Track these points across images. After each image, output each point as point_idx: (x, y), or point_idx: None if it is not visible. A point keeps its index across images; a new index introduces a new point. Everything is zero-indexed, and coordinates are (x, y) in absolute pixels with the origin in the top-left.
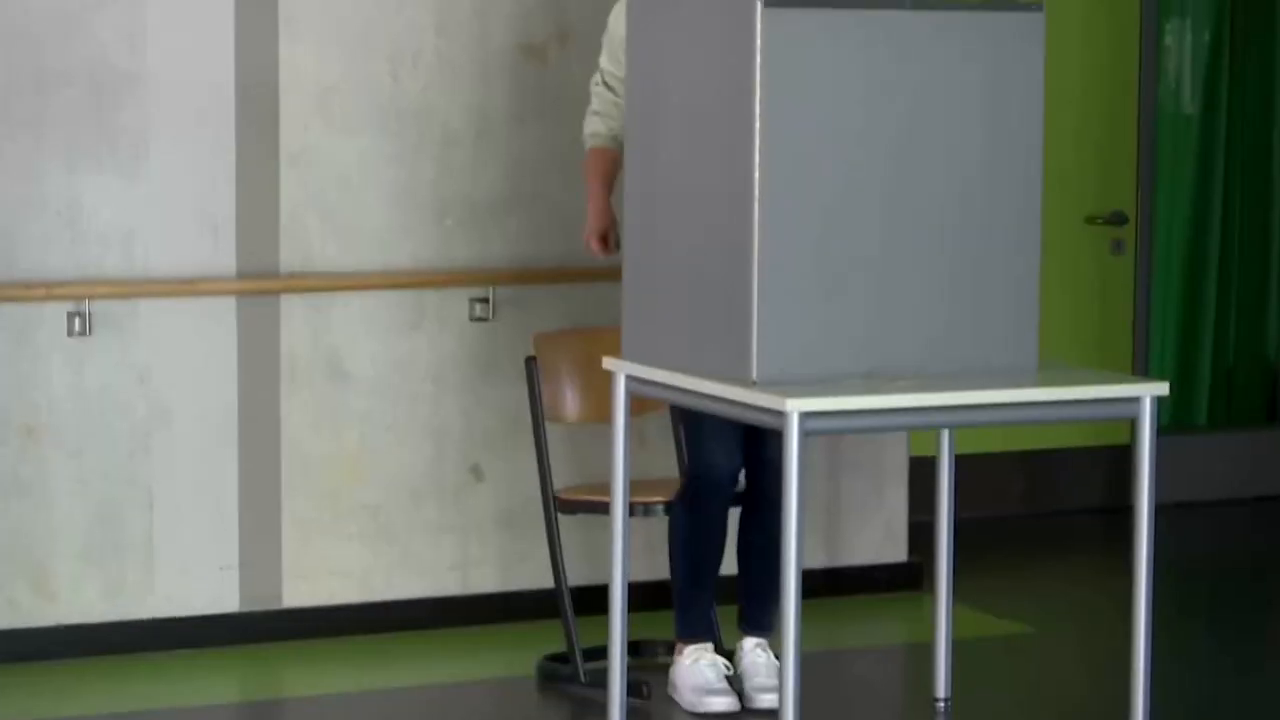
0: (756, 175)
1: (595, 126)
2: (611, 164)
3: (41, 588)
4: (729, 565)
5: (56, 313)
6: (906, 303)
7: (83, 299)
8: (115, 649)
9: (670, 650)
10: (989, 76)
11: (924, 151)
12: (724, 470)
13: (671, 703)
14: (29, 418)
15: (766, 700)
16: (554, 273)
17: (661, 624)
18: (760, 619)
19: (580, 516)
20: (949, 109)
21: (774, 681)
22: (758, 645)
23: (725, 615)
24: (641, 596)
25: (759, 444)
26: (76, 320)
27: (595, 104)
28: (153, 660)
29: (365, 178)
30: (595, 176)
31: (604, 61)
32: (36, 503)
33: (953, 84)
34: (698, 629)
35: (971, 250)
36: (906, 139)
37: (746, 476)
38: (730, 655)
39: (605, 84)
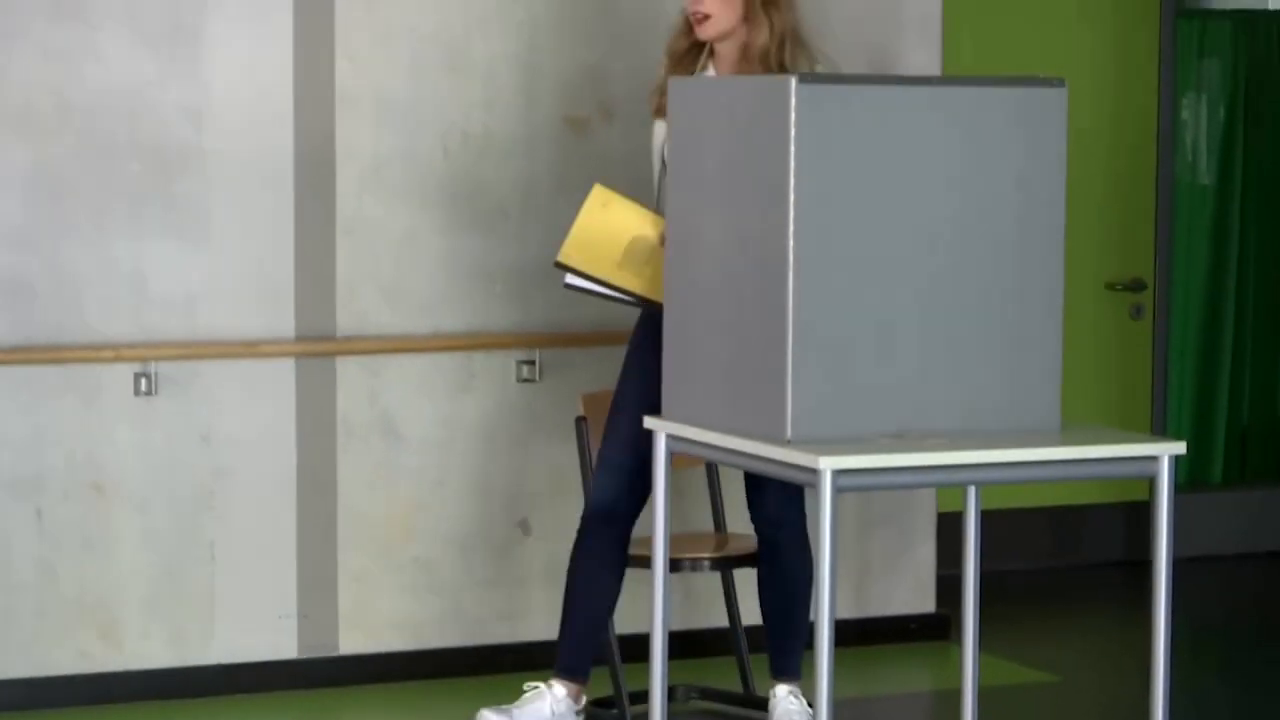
0: (790, 244)
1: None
2: None
3: (109, 636)
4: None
5: (123, 374)
6: (934, 365)
7: (148, 361)
8: (179, 694)
9: (701, 695)
10: (1014, 149)
11: (951, 220)
12: (607, 505)
13: None
14: (97, 475)
15: None
16: (596, 336)
17: (698, 670)
18: (785, 664)
19: (628, 570)
20: (975, 179)
21: None
22: (790, 692)
23: (758, 664)
24: (680, 645)
25: (759, 501)
26: (142, 381)
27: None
28: (215, 704)
29: (417, 246)
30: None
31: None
32: (105, 556)
33: (979, 156)
34: (566, 663)
35: (997, 314)
36: (935, 208)
37: (755, 530)
38: (764, 703)
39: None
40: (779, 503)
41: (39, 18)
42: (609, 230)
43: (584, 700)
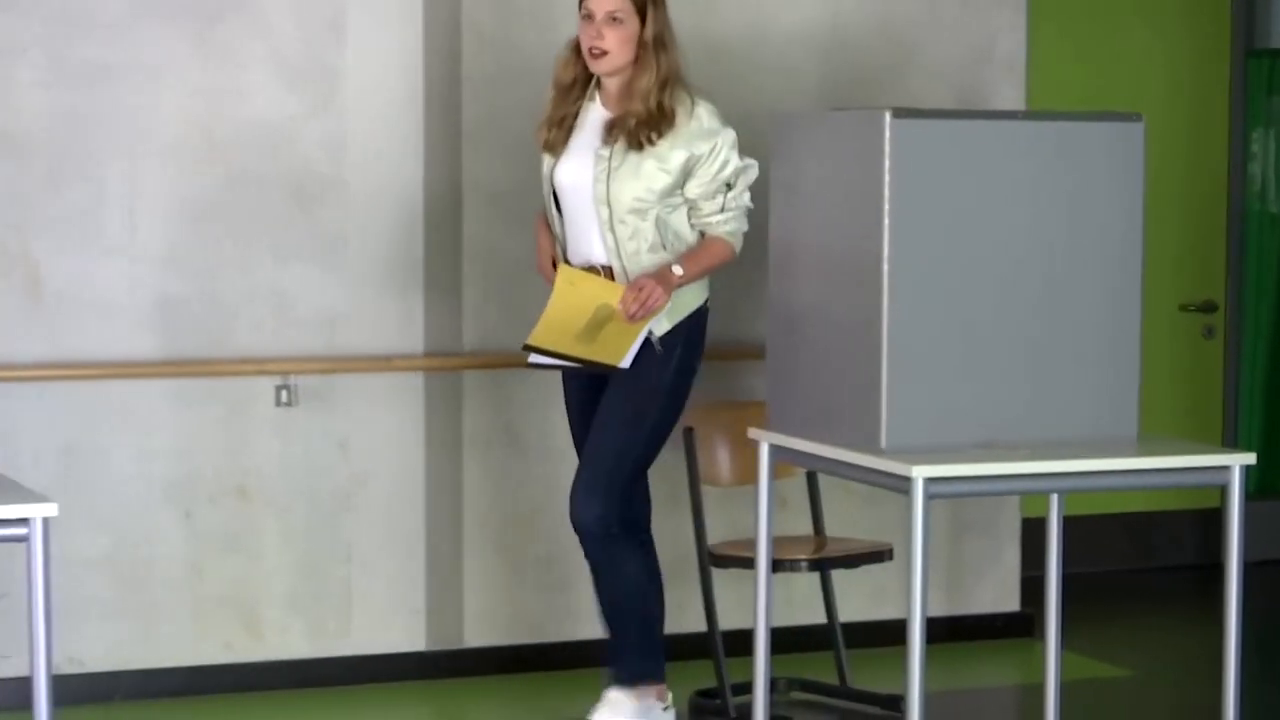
0: (885, 268)
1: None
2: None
3: (253, 630)
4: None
5: (266, 387)
6: (1020, 380)
7: (289, 374)
8: (316, 683)
9: (800, 687)
10: (1095, 179)
11: (1036, 245)
12: (578, 517)
13: None
14: (242, 480)
15: None
16: (705, 353)
17: (797, 664)
18: (614, 667)
19: (730, 570)
20: (1059, 207)
21: None
22: (614, 698)
23: (855, 659)
24: (781, 640)
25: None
26: (283, 393)
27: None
28: (349, 693)
29: (527, 273)
30: (540, 237)
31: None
32: (249, 556)
33: (1063, 185)
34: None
35: (1079, 333)
36: (1020, 234)
37: None
38: (860, 695)
39: None
40: (580, 506)
41: (191, 60)
42: (577, 306)
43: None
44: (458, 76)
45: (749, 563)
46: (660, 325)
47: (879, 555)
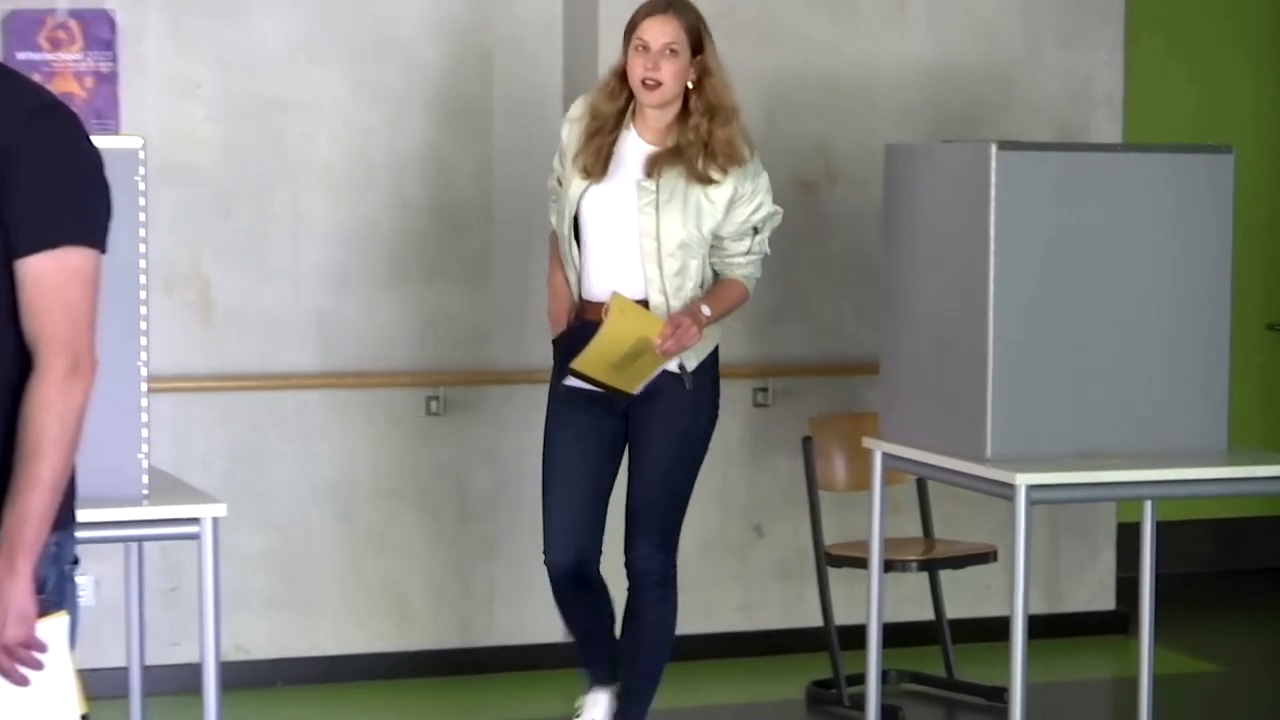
0: (991, 289)
1: (553, 216)
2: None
3: (403, 621)
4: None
5: (417, 398)
6: (1116, 394)
7: (438, 386)
8: (462, 670)
9: (910, 679)
10: (1188, 206)
11: (1131, 268)
12: (558, 563)
13: None
14: (395, 483)
15: None
16: (821, 368)
17: (907, 657)
18: (626, 708)
19: (845, 569)
20: (1153, 233)
21: None
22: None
23: (961, 653)
24: (892, 635)
25: (630, 547)
26: (433, 403)
27: (551, 195)
28: (492, 680)
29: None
30: (553, 257)
31: (554, 163)
32: (401, 553)
33: (1157, 212)
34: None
35: (1171, 351)
36: (1117, 258)
37: (627, 575)
38: (967, 686)
39: (556, 180)
40: (645, 552)
41: (350, 97)
42: (622, 337)
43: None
44: None
45: (863, 563)
46: (690, 360)
47: (984, 557)
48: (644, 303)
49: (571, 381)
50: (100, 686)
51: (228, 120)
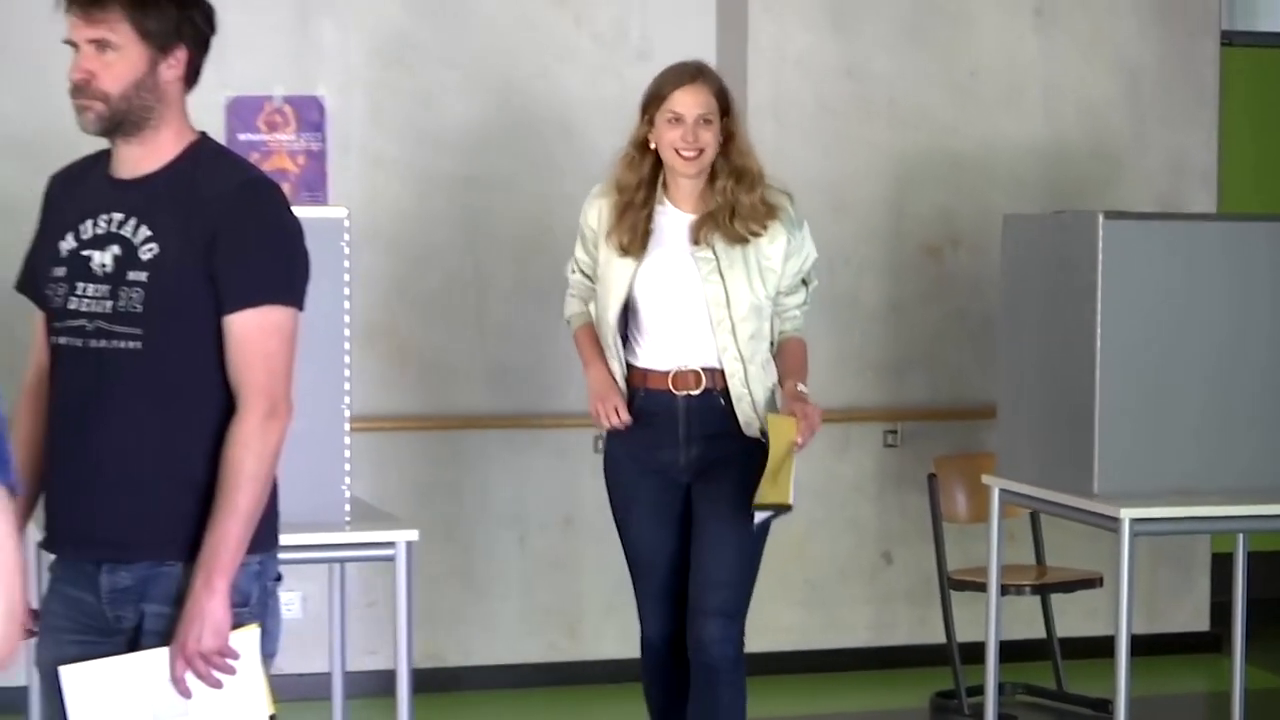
0: (1098, 344)
1: (576, 307)
2: (596, 341)
3: (574, 634)
4: None
5: (585, 436)
6: (1212, 437)
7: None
8: (626, 679)
9: (1024, 691)
10: (1276, 269)
11: (1224, 324)
12: (653, 634)
13: None
14: (566, 512)
15: None
16: (944, 413)
17: (1022, 672)
18: None
19: (966, 592)
20: (1245, 293)
21: None
22: None
23: (1071, 668)
24: (1007, 651)
25: (694, 629)
26: (599, 441)
27: (572, 289)
28: None
29: (811, 345)
30: (590, 349)
31: (577, 252)
32: (571, 573)
33: (1248, 274)
34: None
35: (1261, 398)
36: (1212, 315)
37: (690, 658)
38: (1076, 699)
39: (580, 271)
40: (715, 630)
41: (528, 172)
42: (778, 454)
43: None
44: None
45: (982, 587)
46: (752, 429)
47: (1090, 582)
48: (717, 373)
49: (758, 517)
50: (306, 690)
51: (420, 192)
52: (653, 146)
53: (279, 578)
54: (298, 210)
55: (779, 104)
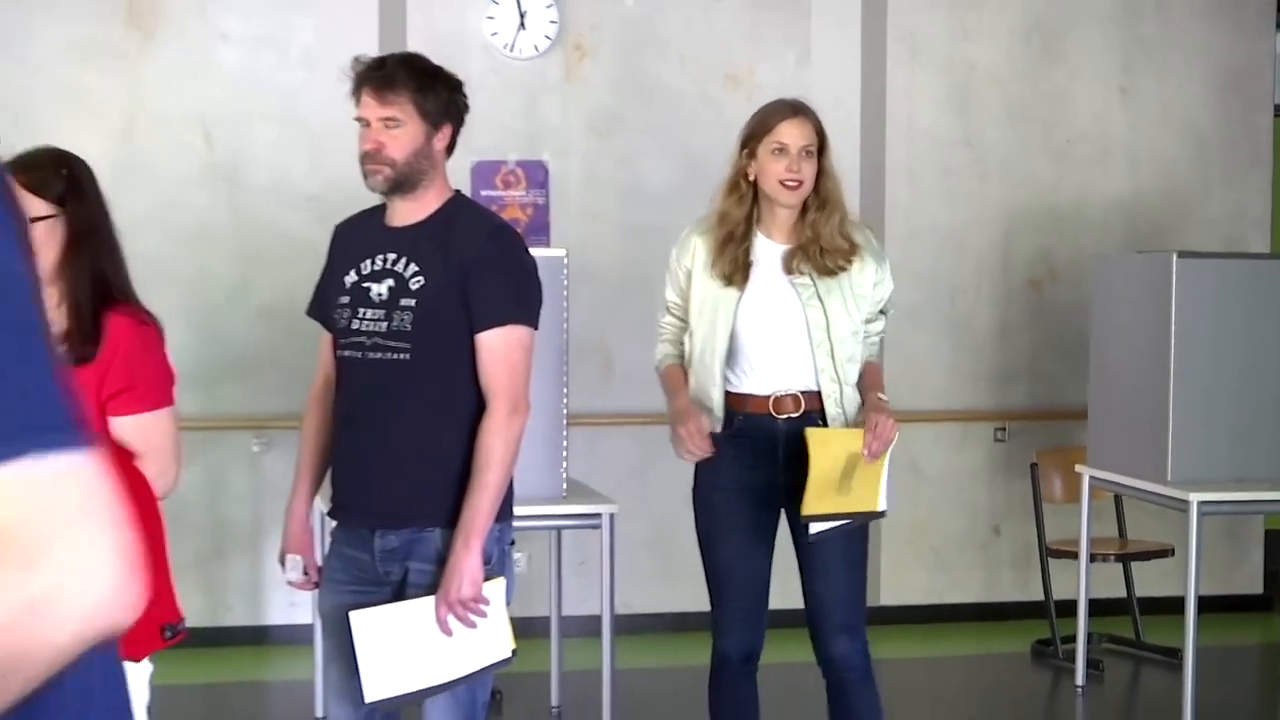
0: (1172, 357)
1: (666, 350)
2: (682, 377)
3: None
4: None
5: None
6: (1264, 434)
7: None
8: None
9: (1108, 640)
10: None
11: (1278, 344)
12: (732, 650)
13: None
14: None
15: None
16: (1044, 414)
17: (1104, 624)
18: None
19: (1061, 559)
20: None
21: None
22: None
23: (1147, 622)
24: (1094, 608)
25: (823, 645)
26: None
27: (664, 333)
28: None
29: (935, 359)
30: (677, 387)
31: (669, 295)
32: None
33: None
34: None
35: None
36: (1268, 337)
37: (824, 674)
38: (1152, 647)
39: (671, 314)
40: (844, 647)
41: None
42: (831, 464)
43: None
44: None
45: (1074, 555)
46: None
47: (1164, 553)
48: (816, 395)
49: (814, 528)
50: (530, 630)
51: (623, 236)
52: (752, 178)
53: (513, 541)
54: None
55: (912, 168)
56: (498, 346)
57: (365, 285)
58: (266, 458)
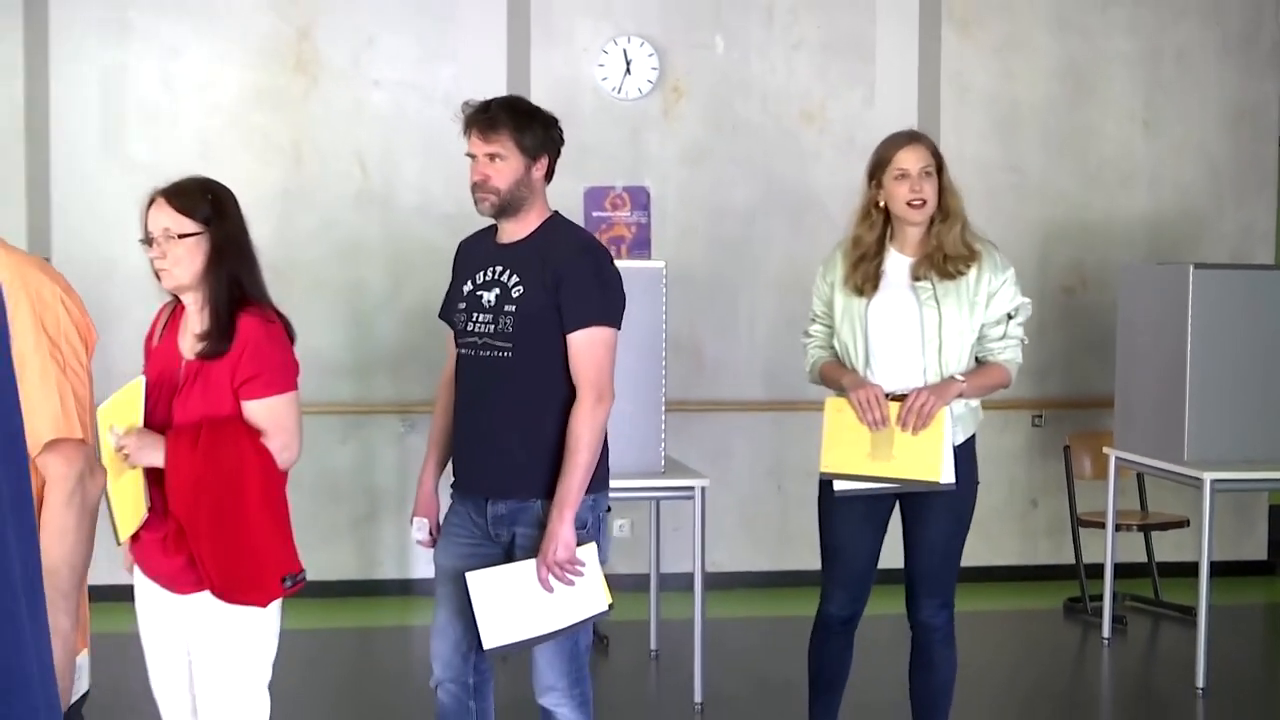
0: (1189, 354)
1: (817, 354)
2: (840, 365)
3: (814, 551)
4: None
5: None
6: (1270, 421)
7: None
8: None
9: (1131, 599)
10: None
11: (1275, 346)
12: (835, 612)
13: (1130, 634)
14: (810, 468)
15: None
16: (1076, 402)
17: (1127, 585)
18: None
19: (1090, 529)
20: None
21: None
22: None
23: (1165, 584)
24: (1119, 570)
25: (914, 608)
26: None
27: (811, 340)
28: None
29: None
30: (842, 370)
31: (815, 306)
32: (813, 511)
33: None
34: None
35: None
36: (1273, 338)
37: (912, 631)
38: (1168, 605)
39: (818, 320)
40: (931, 612)
41: (789, 233)
42: (854, 430)
43: None
44: None
45: (1102, 525)
46: (957, 436)
47: (1180, 524)
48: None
49: (840, 485)
50: (633, 585)
51: (711, 248)
52: (881, 205)
53: (609, 509)
54: (632, 263)
55: (961, 190)
56: (584, 345)
57: (478, 293)
58: (411, 437)
